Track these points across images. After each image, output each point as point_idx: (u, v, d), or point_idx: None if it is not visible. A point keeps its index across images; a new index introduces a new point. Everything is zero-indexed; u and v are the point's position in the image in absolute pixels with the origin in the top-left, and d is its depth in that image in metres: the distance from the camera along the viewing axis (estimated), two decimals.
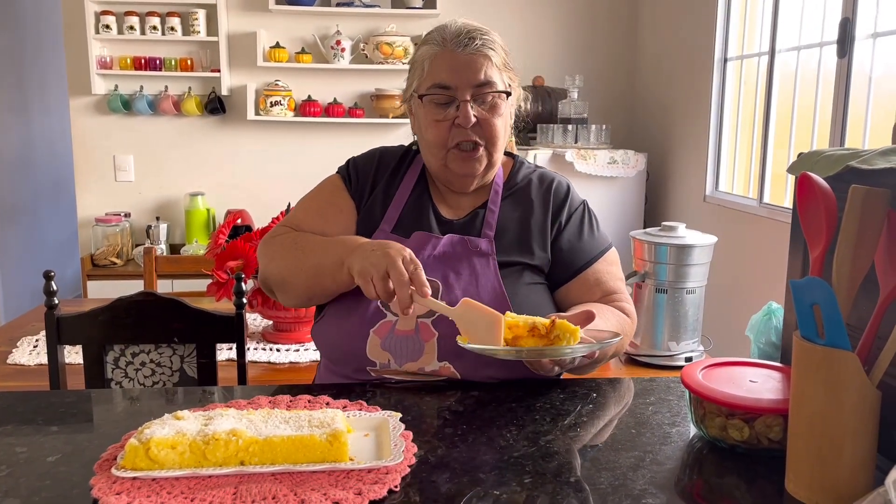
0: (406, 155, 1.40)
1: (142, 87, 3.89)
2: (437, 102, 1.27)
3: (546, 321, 1.02)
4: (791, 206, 1.05)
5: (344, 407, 1.03)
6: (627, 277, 1.89)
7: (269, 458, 0.84)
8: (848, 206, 0.81)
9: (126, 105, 3.85)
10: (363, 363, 1.22)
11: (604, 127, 3.63)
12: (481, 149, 1.28)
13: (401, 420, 0.97)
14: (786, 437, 0.88)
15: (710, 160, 3.30)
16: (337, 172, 1.40)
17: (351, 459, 0.86)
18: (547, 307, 1.29)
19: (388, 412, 1.00)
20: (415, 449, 0.90)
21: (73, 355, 1.80)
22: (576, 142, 3.58)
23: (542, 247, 1.31)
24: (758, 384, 0.96)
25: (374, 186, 1.35)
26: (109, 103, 3.85)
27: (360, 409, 1.02)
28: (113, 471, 0.82)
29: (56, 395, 1.12)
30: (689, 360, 1.87)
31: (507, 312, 1.05)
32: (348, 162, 1.40)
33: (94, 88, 3.78)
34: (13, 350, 1.94)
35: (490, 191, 1.35)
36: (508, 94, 1.29)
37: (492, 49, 1.27)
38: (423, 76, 1.28)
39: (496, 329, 1.01)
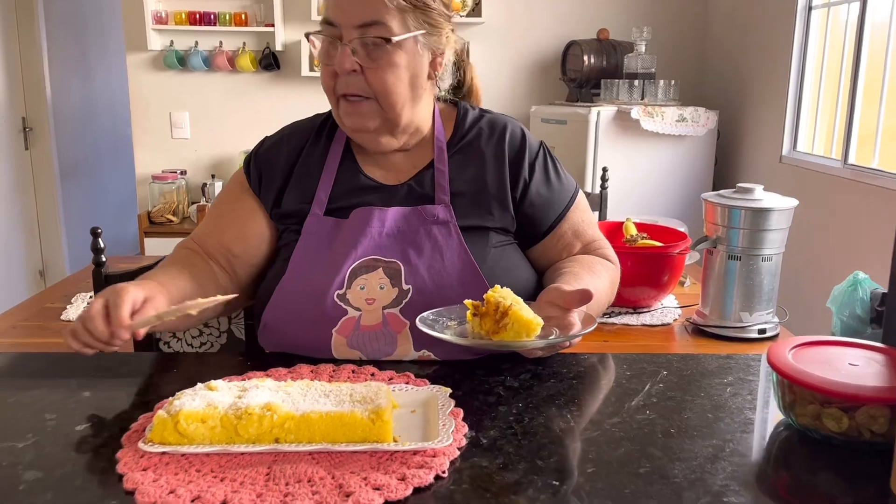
0: (324, 124, 1.22)
1: (196, 43, 3.85)
2: (328, 42, 1.10)
3: (507, 305, 0.93)
4: (879, 167, 0.91)
5: (390, 379, 0.96)
6: (697, 243, 1.76)
7: (305, 435, 0.77)
8: None
9: (181, 61, 3.82)
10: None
11: (672, 82, 3.43)
12: (370, 101, 1.09)
13: (450, 396, 0.89)
14: (892, 429, 0.77)
15: (788, 118, 3.08)
16: (242, 166, 1.23)
17: (395, 440, 0.78)
18: (522, 268, 1.16)
19: (437, 387, 0.91)
20: (465, 429, 0.82)
21: None
22: (642, 98, 3.40)
23: (503, 206, 1.14)
24: (858, 368, 0.84)
25: (289, 171, 1.18)
26: (165, 59, 3.83)
27: (407, 383, 0.94)
28: (140, 444, 0.76)
29: (95, 357, 1.07)
30: (762, 331, 1.73)
31: (496, 286, 0.96)
32: (251, 154, 1.23)
33: (150, 44, 3.76)
34: (67, 307, 1.94)
35: (433, 147, 1.16)
36: (389, 40, 1.06)
37: None
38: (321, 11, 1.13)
39: None
